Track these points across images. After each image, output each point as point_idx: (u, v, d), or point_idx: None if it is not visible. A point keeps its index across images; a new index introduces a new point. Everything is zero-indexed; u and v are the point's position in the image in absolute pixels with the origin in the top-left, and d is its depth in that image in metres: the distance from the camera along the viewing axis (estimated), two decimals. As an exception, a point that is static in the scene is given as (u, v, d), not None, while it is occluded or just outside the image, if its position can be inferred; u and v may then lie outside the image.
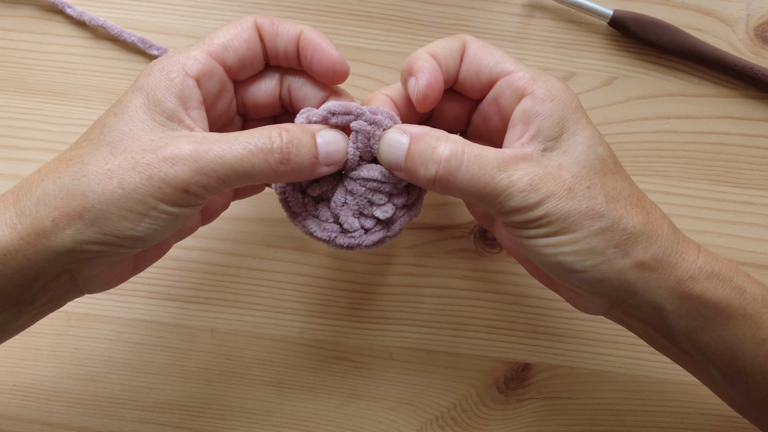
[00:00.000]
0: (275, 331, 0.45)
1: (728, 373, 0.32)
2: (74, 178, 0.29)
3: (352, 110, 0.32)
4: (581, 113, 0.32)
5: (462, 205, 0.46)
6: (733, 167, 0.46)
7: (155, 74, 0.31)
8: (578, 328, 0.45)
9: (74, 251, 0.29)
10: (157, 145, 0.29)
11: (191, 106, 0.31)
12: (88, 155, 0.29)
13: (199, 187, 0.29)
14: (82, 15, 0.46)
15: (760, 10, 0.47)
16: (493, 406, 0.44)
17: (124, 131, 0.29)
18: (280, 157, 0.29)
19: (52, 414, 0.44)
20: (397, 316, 0.45)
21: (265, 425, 0.44)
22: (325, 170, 0.32)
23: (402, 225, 0.35)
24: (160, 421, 0.44)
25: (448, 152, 0.30)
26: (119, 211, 0.28)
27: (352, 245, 0.34)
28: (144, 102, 0.30)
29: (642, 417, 0.44)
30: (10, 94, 0.46)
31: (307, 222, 0.34)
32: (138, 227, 0.29)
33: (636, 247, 0.30)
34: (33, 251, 0.28)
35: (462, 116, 0.36)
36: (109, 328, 0.45)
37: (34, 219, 0.28)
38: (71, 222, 0.28)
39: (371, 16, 0.47)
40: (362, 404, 0.45)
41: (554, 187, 0.30)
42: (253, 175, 0.29)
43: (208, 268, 0.45)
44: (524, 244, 0.31)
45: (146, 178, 0.28)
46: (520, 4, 0.47)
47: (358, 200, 0.33)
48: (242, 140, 0.29)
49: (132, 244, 0.29)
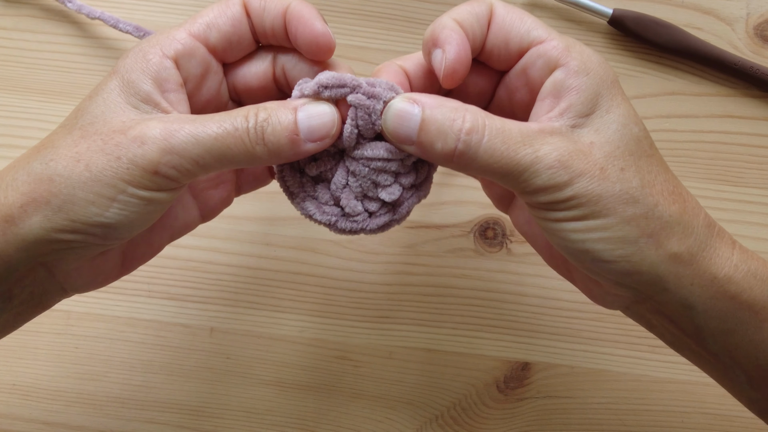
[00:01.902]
0: (275, 330, 0.45)
1: (755, 377, 0.30)
2: (42, 162, 0.27)
3: (346, 82, 0.29)
4: (617, 89, 0.29)
5: (462, 205, 0.46)
6: (733, 166, 0.46)
7: (132, 56, 0.29)
8: (578, 328, 0.45)
9: (43, 240, 0.27)
10: (127, 126, 0.27)
11: (168, 89, 0.29)
12: (59, 139, 0.28)
13: (170, 167, 0.27)
14: (82, 9, 0.46)
15: (760, 9, 0.47)
16: (492, 406, 0.44)
17: (96, 114, 0.28)
18: (255, 137, 0.27)
19: (51, 413, 0.44)
20: (397, 315, 0.45)
21: (264, 424, 0.44)
22: (311, 147, 0.29)
23: (410, 207, 0.32)
24: (160, 420, 0.44)
25: (470, 124, 0.27)
26: (86, 195, 0.27)
27: (354, 230, 0.32)
28: (119, 84, 0.29)
29: (642, 417, 0.44)
30: (9, 94, 0.46)
31: (306, 203, 0.32)
32: (107, 213, 0.27)
33: (671, 238, 0.28)
34: (2, 240, 0.27)
35: (486, 90, 0.33)
36: (109, 327, 0.45)
37: (3, 206, 0.27)
38: (38, 208, 0.27)
39: (371, 15, 0.47)
40: (362, 404, 0.44)
41: (585, 165, 0.27)
42: (230, 156, 0.27)
43: (207, 267, 0.45)
44: (549, 227, 0.29)
45: (114, 159, 0.26)
46: (521, 3, 0.47)
47: (362, 182, 0.31)
48: (217, 119, 0.27)
49: (103, 233, 0.28)
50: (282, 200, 0.45)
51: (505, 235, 0.45)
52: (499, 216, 0.45)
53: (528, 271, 0.45)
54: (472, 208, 0.46)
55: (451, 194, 0.46)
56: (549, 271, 0.45)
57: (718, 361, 0.31)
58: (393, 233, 0.45)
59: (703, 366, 0.32)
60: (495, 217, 0.45)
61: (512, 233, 0.45)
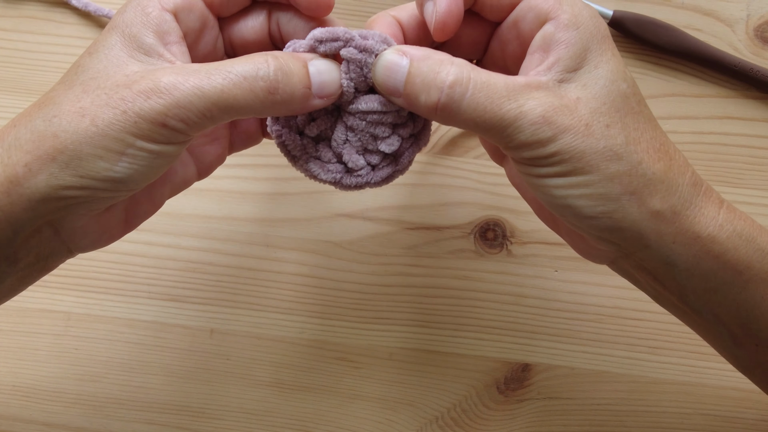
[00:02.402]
0: (275, 331, 0.45)
1: (739, 335, 0.30)
2: (45, 120, 0.27)
3: (339, 35, 0.29)
4: (607, 44, 0.29)
5: (462, 206, 0.46)
6: (733, 167, 0.46)
7: (130, 10, 0.29)
8: (578, 329, 0.45)
9: (50, 198, 0.27)
10: (132, 80, 0.27)
11: (171, 41, 0.29)
12: (60, 96, 0.27)
13: (178, 120, 0.26)
14: (87, 6, 0.46)
15: (760, 10, 0.47)
16: (493, 407, 0.44)
17: (98, 69, 0.28)
18: (267, 86, 0.27)
19: (51, 414, 0.44)
20: (397, 316, 0.45)
21: (264, 425, 0.44)
22: (318, 103, 0.29)
23: (410, 157, 0.32)
24: (160, 421, 0.44)
25: (453, 77, 0.27)
26: (94, 150, 0.26)
27: (360, 184, 0.32)
28: (120, 39, 0.28)
29: (642, 417, 0.44)
30: (9, 94, 0.46)
31: (309, 165, 0.32)
32: (116, 167, 0.26)
33: (654, 195, 0.28)
34: (8, 201, 0.26)
35: (480, 42, 0.33)
36: (109, 328, 0.45)
37: (6, 166, 0.26)
38: (44, 165, 0.26)
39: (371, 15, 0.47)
40: (362, 404, 0.44)
41: (570, 121, 0.27)
42: (237, 107, 0.27)
43: (207, 268, 0.45)
44: (532, 182, 0.29)
45: (120, 113, 0.26)
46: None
47: (360, 136, 0.31)
48: (224, 68, 0.27)
49: (113, 187, 0.27)
50: (282, 201, 0.45)
51: (505, 236, 0.45)
52: (499, 217, 0.45)
53: (528, 272, 0.45)
54: (472, 210, 0.46)
55: (451, 196, 0.46)
56: (549, 273, 0.45)
57: (701, 318, 0.31)
58: (393, 235, 0.45)
59: (687, 322, 0.33)
60: (495, 219, 0.45)
61: (512, 234, 0.45)
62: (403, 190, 0.46)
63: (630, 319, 0.45)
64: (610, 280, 0.45)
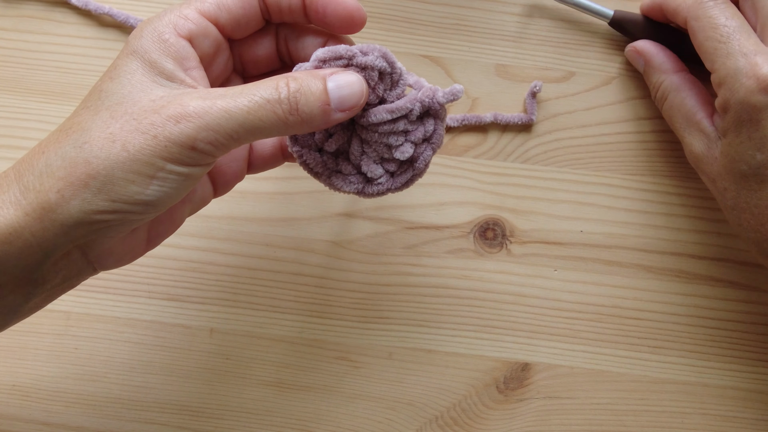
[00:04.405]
0: (275, 331, 0.45)
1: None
2: (76, 146, 0.27)
3: (342, 54, 0.30)
4: None
5: (462, 206, 0.46)
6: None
7: (146, 36, 0.29)
8: (578, 329, 0.45)
9: (83, 223, 0.27)
10: (159, 105, 0.28)
11: (190, 66, 0.30)
12: (88, 121, 0.28)
13: (206, 143, 0.27)
14: (87, 5, 0.46)
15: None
16: (492, 406, 0.44)
17: (123, 94, 0.28)
18: (288, 108, 0.28)
19: (51, 414, 0.44)
20: (397, 316, 0.45)
21: (264, 425, 0.44)
22: (341, 116, 0.30)
23: (427, 160, 0.33)
24: (160, 421, 0.44)
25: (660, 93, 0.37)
26: (126, 175, 0.27)
27: (381, 191, 0.34)
28: (140, 64, 0.29)
29: (642, 417, 0.44)
30: (9, 94, 0.46)
31: (332, 179, 0.34)
32: (147, 190, 0.27)
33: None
34: (40, 227, 0.27)
35: None
36: (109, 327, 0.45)
37: (39, 193, 0.27)
38: (77, 191, 0.27)
39: (371, 15, 0.47)
40: (362, 404, 0.44)
41: None
42: (262, 128, 0.28)
43: (207, 268, 0.45)
44: None
45: (151, 138, 0.27)
46: (521, 4, 0.47)
47: (375, 147, 0.32)
48: (247, 92, 0.28)
49: (143, 210, 0.28)
50: (282, 201, 0.45)
51: (505, 235, 0.45)
52: (499, 216, 0.45)
53: (528, 271, 0.45)
54: (472, 209, 0.46)
55: (451, 195, 0.46)
56: (549, 272, 0.45)
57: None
58: (392, 234, 0.45)
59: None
60: (495, 218, 0.45)
61: (512, 234, 0.45)
62: (402, 190, 0.46)
63: (630, 319, 0.45)
64: (610, 279, 0.45)
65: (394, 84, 0.32)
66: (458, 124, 0.45)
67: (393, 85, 0.32)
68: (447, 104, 0.32)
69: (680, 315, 0.45)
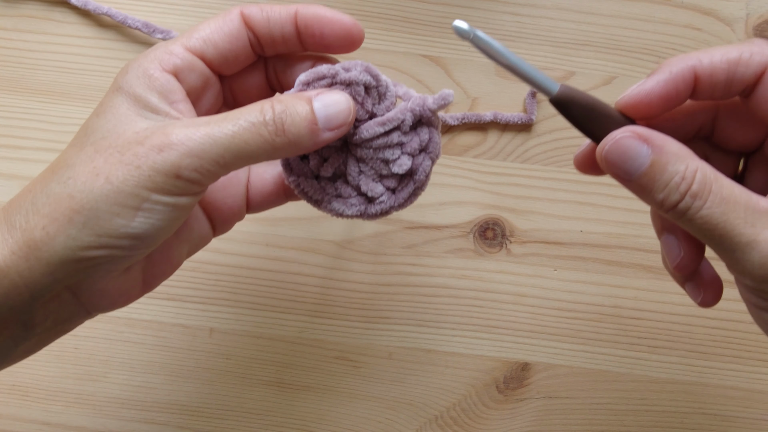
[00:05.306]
0: (275, 330, 0.45)
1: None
2: (60, 182, 0.27)
3: (324, 73, 0.30)
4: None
5: (462, 205, 0.46)
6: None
7: (132, 72, 0.29)
8: (578, 328, 0.45)
9: (69, 260, 0.27)
10: (143, 136, 0.27)
11: (176, 99, 0.29)
12: (73, 158, 0.28)
13: (191, 170, 0.27)
14: (87, 5, 0.46)
15: (760, 9, 0.47)
16: (492, 406, 0.44)
17: (108, 128, 0.28)
18: (274, 129, 0.28)
19: (51, 413, 0.44)
20: (397, 316, 0.45)
21: (264, 425, 0.44)
22: (330, 135, 0.29)
23: (426, 170, 0.32)
24: (160, 420, 0.44)
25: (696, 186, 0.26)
26: (110, 208, 0.26)
27: (384, 210, 0.32)
28: (126, 99, 0.29)
29: (642, 417, 0.44)
30: (10, 94, 0.46)
31: (332, 204, 0.32)
32: (133, 223, 0.27)
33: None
34: (26, 266, 0.26)
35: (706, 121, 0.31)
36: (109, 327, 0.45)
37: (24, 231, 0.27)
38: (62, 228, 0.26)
39: (371, 15, 0.47)
40: (362, 404, 0.44)
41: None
42: (249, 151, 0.27)
43: (207, 267, 0.45)
44: (753, 310, 0.28)
45: (134, 168, 0.26)
46: (521, 4, 0.47)
47: (372, 164, 0.32)
48: (232, 117, 0.27)
49: (131, 245, 0.28)
50: (282, 201, 0.45)
51: (504, 235, 0.45)
52: (498, 216, 0.45)
53: (528, 271, 0.45)
54: (472, 209, 0.46)
55: (451, 195, 0.46)
56: (549, 272, 0.45)
57: None
58: (392, 234, 0.45)
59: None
60: (495, 218, 0.45)
61: (512, 234, 0.45)
62: (402, 190, 0.46)
63: (630, 319, 0.45)
64: (610, 279, 0.45)
65: (382, 97, 0.31)
66: (458, 123, 0.45)
67: (381, 98, 0.31)
68: (438, 110, 0.31)
69: (680, 315, 0.45)
